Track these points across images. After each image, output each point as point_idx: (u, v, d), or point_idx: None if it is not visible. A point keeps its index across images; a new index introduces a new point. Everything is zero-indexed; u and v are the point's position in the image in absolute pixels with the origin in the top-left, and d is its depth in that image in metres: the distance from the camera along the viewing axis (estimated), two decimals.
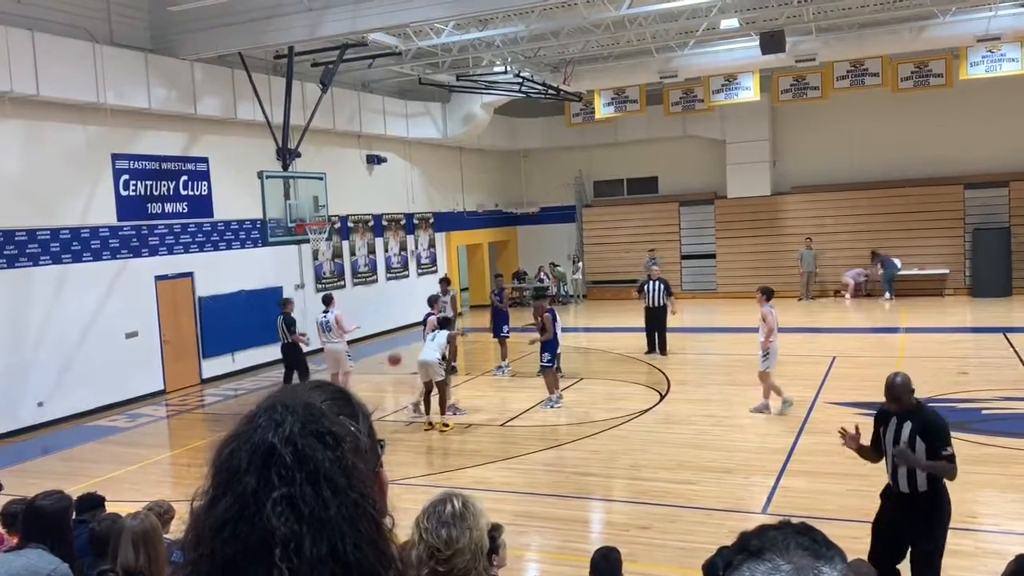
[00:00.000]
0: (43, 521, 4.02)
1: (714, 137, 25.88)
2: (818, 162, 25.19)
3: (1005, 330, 17.52)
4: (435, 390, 12.14)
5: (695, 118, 24.95)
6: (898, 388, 5.81)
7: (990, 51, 19.40)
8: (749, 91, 21.73)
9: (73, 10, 13.81)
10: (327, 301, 14.15)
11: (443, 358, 12.31)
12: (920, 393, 12.15)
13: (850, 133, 24.61)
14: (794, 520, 1.18)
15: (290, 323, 14.20)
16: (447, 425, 12.07)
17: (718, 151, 26.04)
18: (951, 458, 5.65)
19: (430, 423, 12.14)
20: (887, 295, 23.46)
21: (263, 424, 1.15)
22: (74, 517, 5.38)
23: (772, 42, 17.44)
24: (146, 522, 4.10)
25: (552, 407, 12.90)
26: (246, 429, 1.16)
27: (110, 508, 5.61)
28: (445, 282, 17.39)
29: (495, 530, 2.78)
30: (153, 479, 10.54)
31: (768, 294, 12.08)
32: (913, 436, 5.70)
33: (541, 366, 13.44)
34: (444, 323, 12.96)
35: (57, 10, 13.50)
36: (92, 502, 5.50)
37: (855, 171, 24.71)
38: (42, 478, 10.42)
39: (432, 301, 14.87)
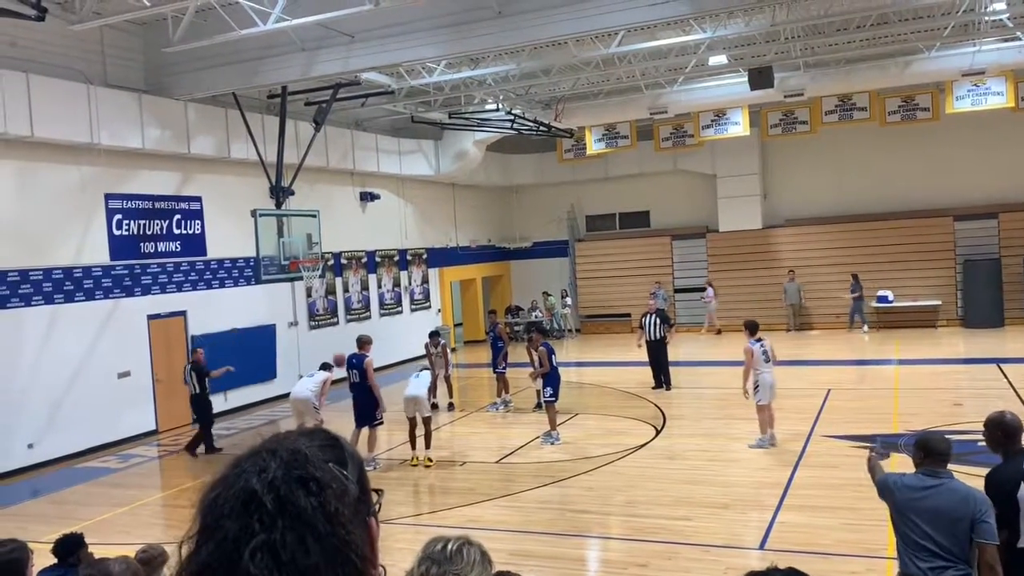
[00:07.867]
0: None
1: (705, 171, 26.06)
2: (808, 195, 25.36)
3: (998, 361, 17.53)
4: (420, 426, 12.13)
5: (685, 153, 25.15)
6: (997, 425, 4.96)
7: (975, 85, 19.63)
8: (738, 126, 21.94)
9: (67, 52, 13.91)
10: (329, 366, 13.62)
11: (432, 392, 12.43)
12: (915, 425, 12.26)
13: (840, 166, 24.82)
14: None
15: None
16: (431, 460, 12.05)
17: (709, 185, 26.21)
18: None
19: (416, 459, 12.10)
20: (865, 327, 23.39)
21: (247, 469, 1.14)
22: (55, 562, 5.31)
23: (760, 78, 17.66)
24: (127, 572, 4.03)
25: (552, 443, 12.83)
26: (231, 474, 1.16)
27: (100, 552, 5.54)
28: (435, 335, 16.79)
29: None
30: (144, 521, 10.41)
31: (752, 329, 11.93)
32: None
33: (544, 401, 13.37)
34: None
35: (52, 52, 13.59)
36: (72, 543, 5.42)
37: (846, 204, 24.88)
38: (31, 521, 10.30)
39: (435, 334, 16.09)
